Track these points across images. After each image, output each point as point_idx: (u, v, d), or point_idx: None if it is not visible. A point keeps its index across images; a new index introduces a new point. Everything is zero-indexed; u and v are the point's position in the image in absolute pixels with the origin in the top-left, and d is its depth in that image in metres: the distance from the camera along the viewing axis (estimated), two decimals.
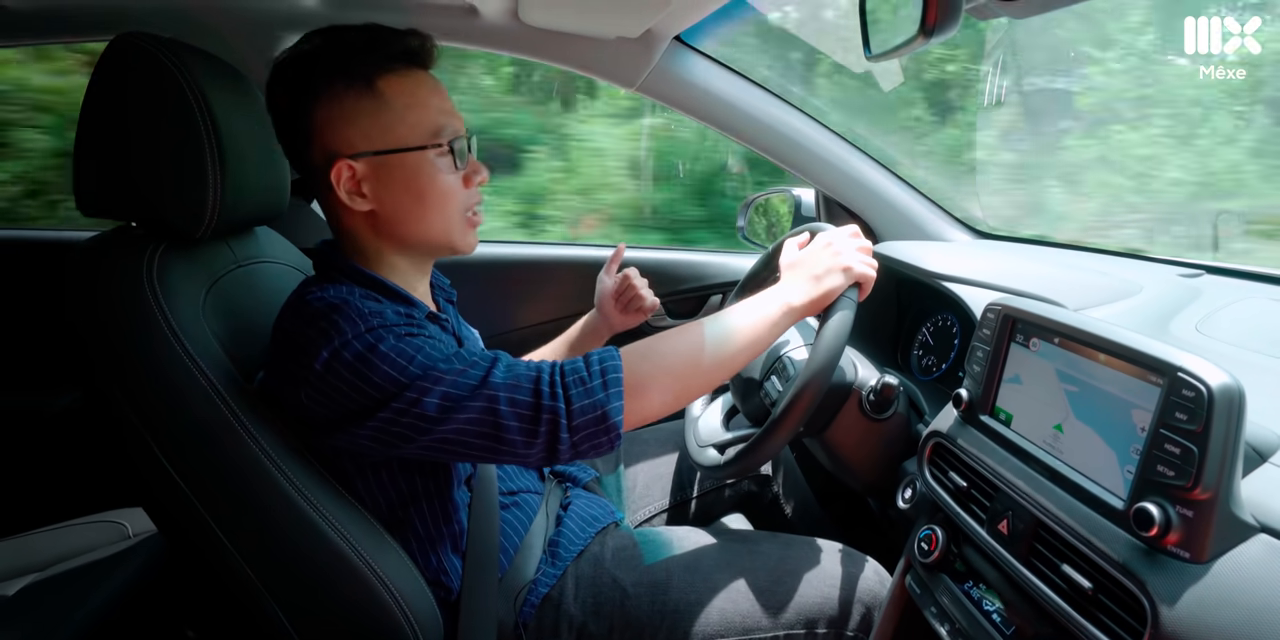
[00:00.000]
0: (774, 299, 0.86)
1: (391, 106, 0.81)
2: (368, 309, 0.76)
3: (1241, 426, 0.55)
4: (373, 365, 0.73)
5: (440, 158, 0.83)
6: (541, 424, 0.73)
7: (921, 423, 1.02)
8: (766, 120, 1.39)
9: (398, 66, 0.82)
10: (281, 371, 0.78)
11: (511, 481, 0.99)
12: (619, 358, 0.77)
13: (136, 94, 0.79)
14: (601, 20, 1.24)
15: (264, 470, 0.78)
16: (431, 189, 0.83)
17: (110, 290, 0.78)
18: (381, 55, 0.81)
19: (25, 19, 1.32)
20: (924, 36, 0.74)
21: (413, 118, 0.82)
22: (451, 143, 0.83)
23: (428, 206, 0.84)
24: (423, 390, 0.73)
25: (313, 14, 1.34)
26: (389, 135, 0.81)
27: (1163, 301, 0.99)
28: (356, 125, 0.81)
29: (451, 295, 1.03)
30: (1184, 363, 0.58)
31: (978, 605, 0.77)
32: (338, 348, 0.73)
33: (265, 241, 1.03)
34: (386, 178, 0.82)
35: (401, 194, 0.83)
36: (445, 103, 0.85)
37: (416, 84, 0.83)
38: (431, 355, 0.75)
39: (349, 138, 0.81)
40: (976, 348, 0.85)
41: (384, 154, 0.81)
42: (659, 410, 0.79)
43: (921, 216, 1.46)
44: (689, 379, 0.80)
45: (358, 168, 0.81)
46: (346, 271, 0.85)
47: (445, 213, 0.85)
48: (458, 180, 0.85)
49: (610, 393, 0.74)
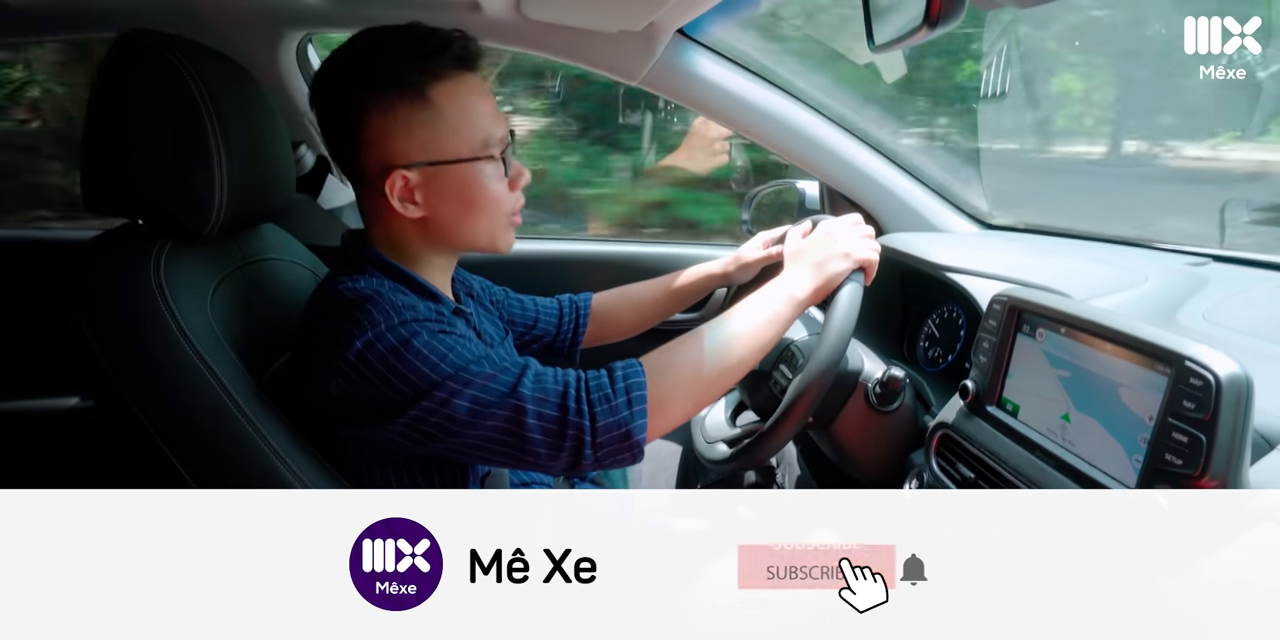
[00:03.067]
0: (778, 292, 0.86)
1: (444, 116, 0.81)
2: (400, 302, 0.77)
3: (1249, 415, 0.56)
4: (405, 360, 0.73)
5: (490, 165, 0.83)
6: (567, 439, 0.74)
7: (928, 414, 1.02)
8: (770, 113, 1.38)
9: (449, 73, 0.81)
10: (309, 362, 0.78)
11: (523, 472, 0.99)
12: (643, 373, 0.77)
13: (142, 91, 0.79)
14: (604, 14, 1.23)
15: (273, 469, 0.78)
16: (482, 197, 0.84)
17: (116, 288, 0.79)
18: (432, 62, 0.80)
19: (30, 15, 1.33)
20: (928, 27, 0.74)
21: (465, 128, 0.82)
22: (502, 153, 0.84)
23: (478, 213, 0.85)
24: (453, 391, 0.73)
25: (319, 11, 1.34)
26: (444, 146, 0.81)
27: (1169, 290, 0.99)
28: (411, 136, 0.80)
29: (472, 287, 1.03)
30: (1191, 351, 0.58)
31: None
32: (372, 339, 0.73)
33: (272, 238, 1.03)
34: (440, 187, 0.82)
35: (453, 202, 0.83)
36: (492, 106, 0.85)
37: (467, 91, 0.82)
38: (464, 355, 0.75)
39: (403, 149, 0.81)
40: (983, 339, 0.85)
41: (431, 165, 0.81)
42: (680, 421, 0.80)
43: (926, 208, 1.45)
44: (707, 386, 0.81)
45: (411, 177, 0.81)
46: (376, 264, 0.85)
47: (492, 218, 0.86)
48: (505, 186, 0.86)
49: (635, 411, 0.75)
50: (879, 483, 1.06)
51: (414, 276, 0.86)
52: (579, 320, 1.21)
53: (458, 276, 1.01)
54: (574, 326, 1.21)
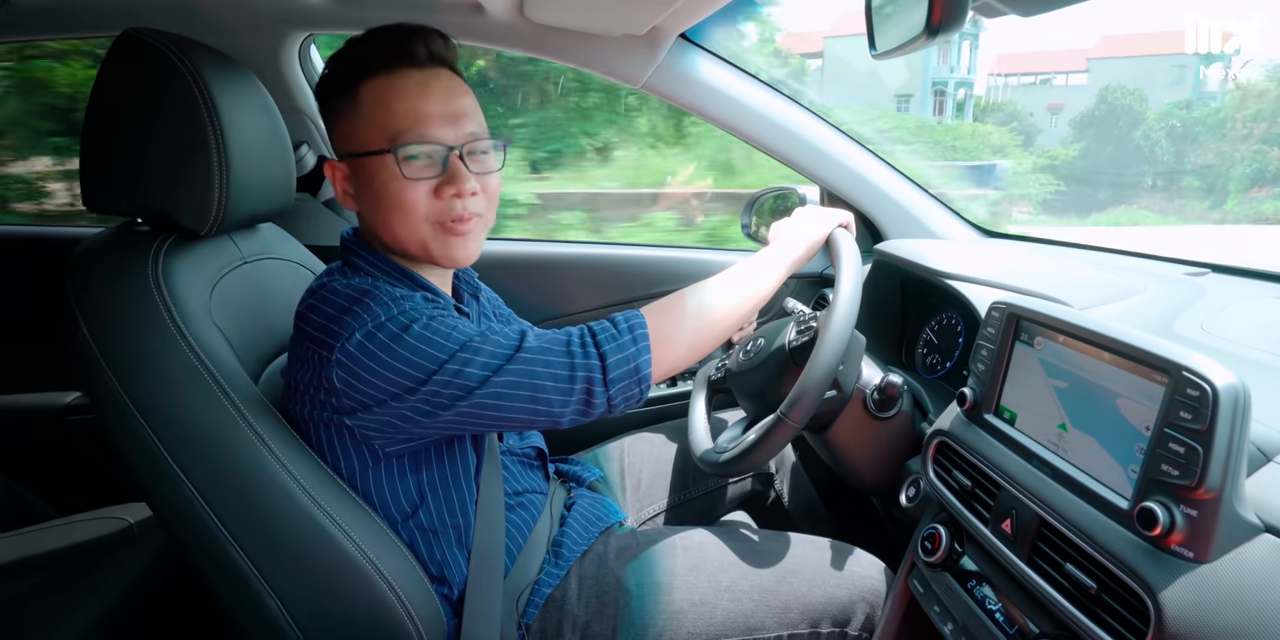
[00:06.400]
0: (769, 252, 0.95)
1: (360, 109, 0.82)
2: (397, 294, 0.79)
3: (1246, 426, 0.55)
4: (409, 344, 0.75)
5: (404, 163, 0.80)
6: (577, 382, 0.77)
7: (925, 421, 1.02)
8: (771, 118, 1.38)
9: (380, 69, 0.82)
10: (307, 356, 0.78)
11: (516, 482, 0.99)
12: (642, 316, 0.82)
13: (142, 90, 0.79)
14: (607, 17, 1.24)
15: (267, 467, 0.78)
16: (385, 194, 0.82)
17: (116, 286, 0.79)
18: (365, 57, 0.82)
19: (32, 14, 1.33)
20: (929, 35, 0.74)
21: (376, 120, 0.81)
22: (395, 149, 0.80)
23: (389, 213, 0.83)
24: (464, 361, 0.75)
25: (319, 11, 1.34)
26: (356, 138, 0.83)
27: (1168, 300, 0.99)
28: (337, 127, 0.85)
29: (478, 290, 1.03)
30: (1189, 361, 0.58)
31: (981, 604, 0.77)
32: (372, 329, 0.75)
33: (271, 238, 1.03)
34: (357, 181, 0.85)
35: (367, 198, 0.85)
36: (426, 105, 0.81)
37: (390, 86, 0.81)
38: (465, 331, 0.78)
39: (334, 138, 0.86)
40: (981, 346, 0.85)
41: (350, 157, 0.84)
42: (682, 362, 0.85)
43: (926, 214, 1.45)
44: (705, 332, 0.86)
45: (340, 168, 0.85)
46: (372, 261, 0.87)
47: (409, 222, 0.83)
48: (421, 189, 0.82)
49: (640, 346, 0.80)
50: (876, 490, 1.06)
51: (410, 272, 0.87)
52: None
53: (465, 276, 1.01)
54: None
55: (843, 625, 0.92)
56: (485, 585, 0.88)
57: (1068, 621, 0.64)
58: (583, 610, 0.90)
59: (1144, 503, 0.58)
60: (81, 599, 0.99)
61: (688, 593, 0.91)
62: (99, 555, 1.09)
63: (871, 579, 0.96)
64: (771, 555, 0.97)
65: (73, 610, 0.96)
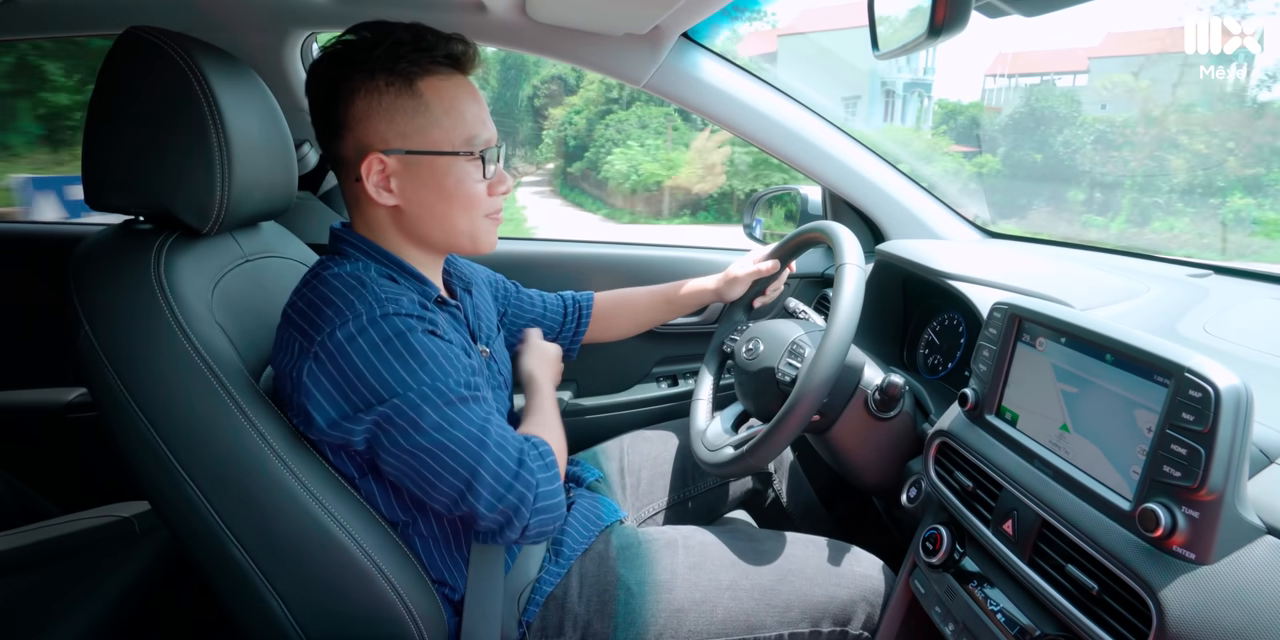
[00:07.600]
0: (547, 394, 1.03)
1: (430, 109, 0.82)
2: (385, 293, 0.78)
3: (1249, 428, 0.55)
4: (384, 357, 0.75)
5: (470, 164, 0.85)
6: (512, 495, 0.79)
7: (927, 422, 1.02)
8: (773, 117, 1.38)
9: (440, 70, 0.83)
10: (288, 343, 0.78)
11: None
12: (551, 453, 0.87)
13: (145, 88, 0.79)
14: (609, 17, 1.24)
15: (269, 466, 0.78)
16: (458, 193, 0.85)
17: (117, 284, 0.79)
18: (426, 57, 0.82)
19: (35, 12, 1.33)
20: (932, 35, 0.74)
21: (449, 123, 0.83)
22: (483, 152, 0.85)
23: (452, 208, 0.86)
24: (424, 397, 0.76)
25: (321, 10, 1.34)
26: (424, 137, 0.82)
27: (1170, 302, 0.99)
28: (393, 123, 0.82)
29: (470, 284, 1.03)
30: (1191, 363, 0.58)
31: (982, 605, 0.77)
32: (354, 332, 0.75)
33: (272, 236, 1.03)
34: (415, 176, 0.84)
35: (428, 194, 0.84)
36: (482, 111, 0.86)
37: (456, 89, 0.84)
38: (444, 367, 0.78)
39: (384, 134, 0.82)
40: (983, 347, 0.84)
41: (417, 154, 0.83)
42: None
43: (928, 215, 1.45)
44: None
45: (389, 163, 0.83)
46: (363, 249, 0.87)
47: (469, 216, 0.87)
48: (483, 187, 0.87)
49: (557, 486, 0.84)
50: (877, 490, 1.06)
51: (399, 260, 0.87)
52: (581, 319, 1.24)
53: (456, 271, 1.01)
54: (576, 325, 1.24)
55: (843, 624, 0.93)
56: (486, 584, 0.88)
57: (1069, 622, 0.64)
58: (583, 609, 0.90)
59: (1146, 504, 0.58)
60: (83, 597, 0.99)
61: (689, 591, 0.91)
62: (100, 553, 1.09)
63: (872, 578, 0.96)
64: (772, 554, 0.97)
65: (74, 608, 0.97)
